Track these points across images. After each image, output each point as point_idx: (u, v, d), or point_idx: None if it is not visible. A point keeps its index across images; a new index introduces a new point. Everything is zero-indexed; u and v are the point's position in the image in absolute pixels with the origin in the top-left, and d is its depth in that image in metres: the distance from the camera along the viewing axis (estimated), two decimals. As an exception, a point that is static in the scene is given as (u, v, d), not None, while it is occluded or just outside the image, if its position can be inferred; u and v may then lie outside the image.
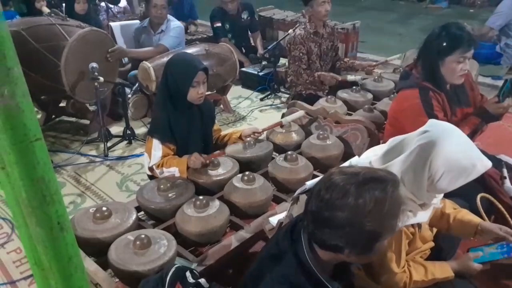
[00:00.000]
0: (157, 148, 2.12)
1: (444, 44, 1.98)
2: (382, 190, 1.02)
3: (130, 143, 3.39)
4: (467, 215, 1.62)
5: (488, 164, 1.34)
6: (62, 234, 0.79)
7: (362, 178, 1.04)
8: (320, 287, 1.13)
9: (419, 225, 1.53)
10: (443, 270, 1.51)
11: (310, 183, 1.51)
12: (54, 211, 0.77)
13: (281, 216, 1.66)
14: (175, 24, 3.97)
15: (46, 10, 4.25)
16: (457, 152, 1.32)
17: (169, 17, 4.00)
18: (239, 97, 4.41)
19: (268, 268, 1.18)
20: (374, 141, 2.43)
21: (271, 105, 4.19)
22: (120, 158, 3.19)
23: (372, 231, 1.03)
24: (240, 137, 2.36)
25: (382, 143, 2.06)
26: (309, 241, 1.14)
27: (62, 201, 0.79)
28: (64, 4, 4.49)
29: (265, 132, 2.48)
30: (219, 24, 4.82)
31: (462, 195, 1.72)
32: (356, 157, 1.72)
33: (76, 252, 0.84)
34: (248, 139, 2.33)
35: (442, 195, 1.52)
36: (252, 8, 5.08)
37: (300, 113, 2.65)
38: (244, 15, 4.95)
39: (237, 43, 4.89)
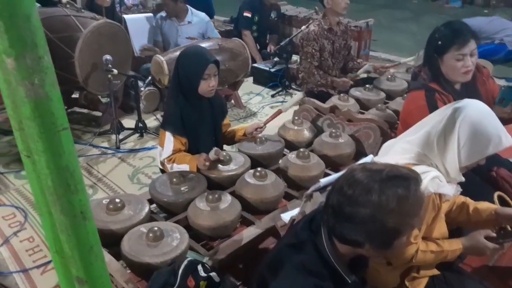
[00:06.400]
0: (168, 141, 2.12)
1: (439, 42, 1.97)
2: (405, 188, 1.04)
3: (141, 136, 3.41)
4: (484, 203, 1.62)
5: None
6: (84, 223, 0.80)
7: (385, 176, 1.05)
8: (337, 278, 1.16)
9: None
10: (451, 243, 1.50)
11: (324, 181, 1.51)
12: (78, 200, 0.77)
13: (294, 213, 1.67)
14: (205, 16, 4.10)
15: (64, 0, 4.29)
16: (486, 119, 1.38)
17: (191, 8, 4.06)
18: (250, 93, 4.41)
19: (287, 256, 1.20)
20: (386, 141, 2.41)
21: (282, 101, 4.18)
22: (131, 150, 3.22)
23: (393, 228, 1.04)
24: (244, 135, 2.36)
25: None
26: (328, 234, 1.16)
27: (85, 190, 0.80)
28: None
29: (276, 127, 2.46)
30: (249, 14, 4.86)
31: (478, 196, 1.72)
32: (371, 156, 1.72)
33: (97, 241, 0.85)
34: (255, 133, 2.31)
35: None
36: (281, 11, 5.15)
37: (298, 96, 2.64)
38: (273, 15, 5.04)
39: (257, 38, 4.92)
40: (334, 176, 1.54)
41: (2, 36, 0.64)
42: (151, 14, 4.52)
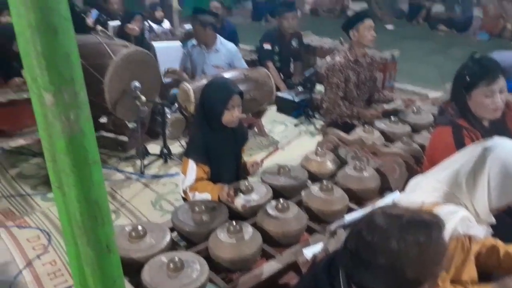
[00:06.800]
0: (191, 169, 2.14)
1: (468, 78, 1.93)
2: (426, 236, 0.99)
3: (166, 162, 3.44)
4: None
5: None
6: (109, 255, 0.80)
7: (406, 222, 1.01)
8: None
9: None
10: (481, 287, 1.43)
11: (349, 218, 1.48)
12: (104, 233, 0.78)
13: (316, 248, 1.63)
14: (233, 46, 4.20)
15: (99, 28, 4.50)
16: None
17: (220, 38, 4.18)
18: (274, 121, 4.43)
19: None
20: (412, 176, 2.36)
21: (305, 131, 4.18)
22: (155, 176, 3.24)
23: (413, 278, 0.99)
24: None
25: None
26: (347, 279, 1.12)
27: (111, 223, 0.81)
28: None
29: (300, 157, 2.45)
30: (269, 46, 4.93)
31: (509, 238, 1.65)
32: (397, 192, 1.68)
33: (120, 274, 0.85)
34: (252, 170, 2.30)
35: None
36: (302, 38, 5.20)
37: (295, 134, 2.63)
38: (294, 43, 5.06)
39: (280, 68, 4.97)
40: (359, 212, 1.52)
41: (43, 73, 0.66)
42: (179, 42, 4.66)
